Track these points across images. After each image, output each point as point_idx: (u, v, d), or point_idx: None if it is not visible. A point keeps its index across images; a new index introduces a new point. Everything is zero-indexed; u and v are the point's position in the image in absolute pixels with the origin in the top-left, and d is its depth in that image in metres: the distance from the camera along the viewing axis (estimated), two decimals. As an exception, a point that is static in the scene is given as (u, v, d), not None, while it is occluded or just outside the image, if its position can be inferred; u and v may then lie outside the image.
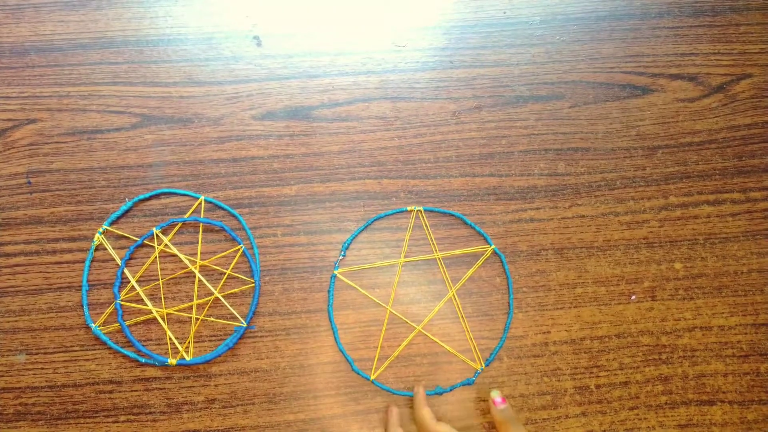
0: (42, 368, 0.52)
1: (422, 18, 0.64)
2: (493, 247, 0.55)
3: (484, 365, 0.52)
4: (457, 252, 0.55)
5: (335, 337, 0.53)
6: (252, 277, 0.54)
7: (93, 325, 0.52)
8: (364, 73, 0.61)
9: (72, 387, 0.52)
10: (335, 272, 0.54)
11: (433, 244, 0.55)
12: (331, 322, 0.53)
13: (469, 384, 0.52)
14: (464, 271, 0.55)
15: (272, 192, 0.57)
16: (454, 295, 0.54)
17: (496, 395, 0.49)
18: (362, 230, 0.55)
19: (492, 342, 0.53)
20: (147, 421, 0.51)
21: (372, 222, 0.56)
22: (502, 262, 0.55)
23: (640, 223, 0.57)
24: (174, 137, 0.59)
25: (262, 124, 0.59)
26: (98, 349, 0.53)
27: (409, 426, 0.51)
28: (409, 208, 0.56)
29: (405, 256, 0.55)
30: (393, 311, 0.54)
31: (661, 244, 0.56)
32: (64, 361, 0.52)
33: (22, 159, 0.58)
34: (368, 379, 0.52)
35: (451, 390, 0.52)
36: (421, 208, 0.56)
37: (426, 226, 0.56)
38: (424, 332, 0.53)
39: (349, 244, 0.55)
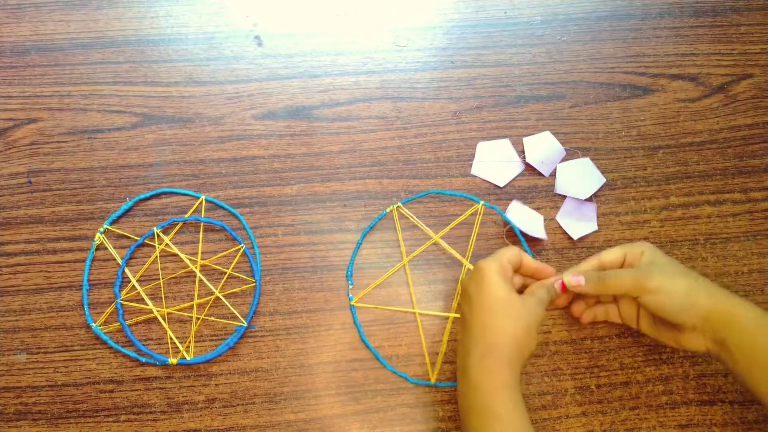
0: (42, 367, 0.52)
1: (423, 18, 0.64)
2: (481, 203, 0.55)
3: None
4: (453, 225, 0.55)
5: (382, 362, 0.52)
6: (253, 276, 0.54)
7: (93, 325, 0.52)
8: (365, 73, 0.61)
9: (72, 386, 0.52)
10: (352, 303, 0.54)
11: (426, 230, 0.55)
12: (370, 349, 0.52)
13: None
14: (472, 242, 0.55)
15: (273, 192, 0.57)
16: (469, 267, 0.54)
17: (567, 279, 0.47)
18: (357, 252, 0.55)
19: None
20: (147, 420, 0.51)
21: (362, 241, 0.55)
22: (501, 215, 0.55)
23: (641, 223, 0.57)
24: (175, 137, 0.59)
25: (262, 123, 0.59)
26: (99, 348, 0.53)
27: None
28: (388, 210, 0.56)
29: (407, 255, 0.55)
30: (421, 311, 0.53)
31: (662, 244, 0.56)
32: (65, 360, 0.52)
33: (23, 158, 0.58)
34: (430, 384, 0.51)
35: None
36: (398, 204, 0.56)
37: (411, 217, 0.56)
38: (458, 315, 0.53)
39: (352, 272, 0.54)
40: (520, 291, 0.49)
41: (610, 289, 0.45)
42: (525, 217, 0.56)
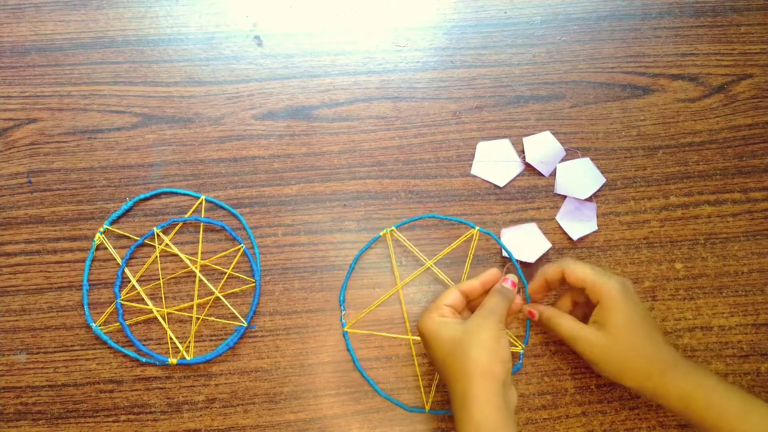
0: (42, 368, 0.52)
1: (423, 18, 0.64)
2: (477, 228, 0.55)
3: (523, 345, 0.53)
4: (446, 251, 0.55)
5: (374, 387, 0.52)
6: (252, 276, 0.54)
7: (93, 325, 0.52)
8: (365, 73, 0.61)
9: (72, 386, 0.52)
10: (345, 330, 0.53)
11: (420, 255, 0.55)
12: (365, 377, 0.52)
13: (518, 369, 0.52)
14: (467, 268, 0.55)
15: (273, 192, 0.57)
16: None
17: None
18: (349, 277, 0.54)
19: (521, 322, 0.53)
20: (147, 420, 0.51)
21: (354, 265, 0.55)
22: (495, 240, 0.55)
23: (641, 223, 0.57)
24: (175, 137, 0.59)
25: (262, 123, 0.59)
26: (99, 348, 0.53)
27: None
28: (381, 234, 0.55)
29: (400, 279, 0.55)
30: (415, 338, 0.53)
31: (662, 244, 0.56)
32: (65, 360, 0.52)
33: (23, 158, 0.58)
34: (424, 412, 0.51)
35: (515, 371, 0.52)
36: (392, 228, 0.55)
37: (405, 241, 0.55)
38: None
39: (344, 297, 0.54)
40: None
41: (558, 332, 0.47)
42: (521, 242, 0.55)
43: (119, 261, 0.55)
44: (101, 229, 0.55)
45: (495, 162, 0.57)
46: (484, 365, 0.41)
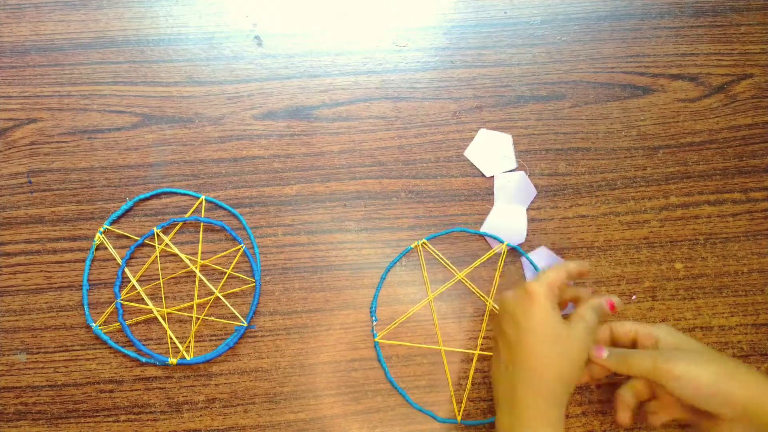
0: (42, 367, 0.52)
1: (423, 18, 0.64)
2: (506, 243, 0.55)
3: None
4: (476, 264, 0.55)
5: (408, 401, 0.51)
6: (252, 276, 0.54)
7: (94, 325, 0.52)
8: (365, 73, 0.61)
9: (72, 386, 0.52)
10: (376, 340, 0.53)
11: (450, 267, 0.55)
12: (396, 388, 0.52)
13: None
14: (496, 282, 0.55)
15: (273, 191, 0.57)
16: (492, 305, 0.54)
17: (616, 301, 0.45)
18: (381, 287, 0.54)
19: None
20: (147, 420, 0.51)
21: (386, 275, 0.54)
22: (523, 255, 0.55)
23: (641, 223, 0.57)
24: (175, 137, 0.59)
25: (262, 123, 0.59)
26: (99, 348, 0.53)
27: None
28: (413, 246, 0.55)
29: (431, 291, 0.54)
30: (447, 348, 0.53)
31: (662, 244, 0.56)
32: (65, 360, 0.52)
33: (23, 158, 0.58)
34: (456, 423, 0.51)
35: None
36: (423, 240, 0.55)
37: (435, 253, 0.55)
38: (483, 353, 0.53)
39: (375, 307, 0.54)
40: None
41: (632, 368, 0.42)
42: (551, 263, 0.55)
43: (119, 261, 0.55)
44: (101, 229, 0.55)
45: (490, 151, 0.57)
46: (569, 378, 0.41)
